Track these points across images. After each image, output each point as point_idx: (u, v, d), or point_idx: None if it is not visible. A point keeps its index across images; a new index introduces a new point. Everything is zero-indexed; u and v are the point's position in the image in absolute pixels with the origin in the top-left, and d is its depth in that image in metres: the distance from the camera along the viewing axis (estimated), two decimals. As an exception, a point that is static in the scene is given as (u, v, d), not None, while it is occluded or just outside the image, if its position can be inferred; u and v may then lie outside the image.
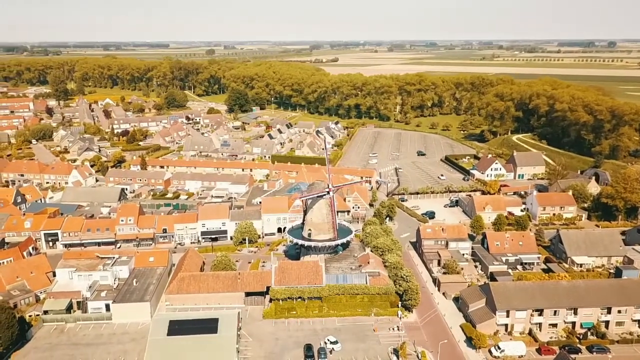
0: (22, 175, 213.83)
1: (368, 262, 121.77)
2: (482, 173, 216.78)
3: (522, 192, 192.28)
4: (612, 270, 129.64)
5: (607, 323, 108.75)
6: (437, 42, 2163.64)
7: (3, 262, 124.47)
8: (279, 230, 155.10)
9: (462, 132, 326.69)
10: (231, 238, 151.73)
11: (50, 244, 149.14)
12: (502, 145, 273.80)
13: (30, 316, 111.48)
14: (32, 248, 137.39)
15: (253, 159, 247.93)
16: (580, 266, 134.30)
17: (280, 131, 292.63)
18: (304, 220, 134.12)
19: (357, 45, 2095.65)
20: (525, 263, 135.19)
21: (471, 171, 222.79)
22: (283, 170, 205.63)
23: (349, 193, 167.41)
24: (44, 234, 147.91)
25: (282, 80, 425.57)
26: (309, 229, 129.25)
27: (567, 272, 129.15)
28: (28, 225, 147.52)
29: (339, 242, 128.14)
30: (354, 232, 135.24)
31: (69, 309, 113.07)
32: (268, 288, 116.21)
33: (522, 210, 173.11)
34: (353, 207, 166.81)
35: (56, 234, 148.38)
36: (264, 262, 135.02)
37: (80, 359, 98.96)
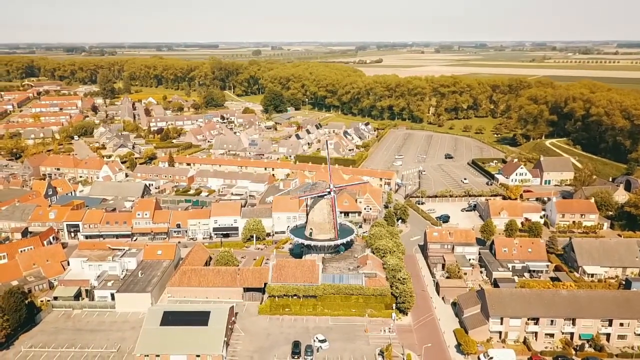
0: (58, 169, 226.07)
1: (366, 263, 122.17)
2: (506, 178, 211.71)
3: (545, 199, 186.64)
4: (623, 282, 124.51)
5: (608, 336, 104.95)
6: (487, 44, 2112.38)
7: (24, 250, 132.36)
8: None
9: (495, 135, 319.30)
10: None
11: (72, 234, 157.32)
12: (534, 150, 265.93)
13: (41, 301, 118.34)
14: (53, 237, 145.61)
15: (278, 159, 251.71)
16: (592, 276, 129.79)
17: (308, 132, 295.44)
18: (307, 219, 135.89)
19: (405, 46, 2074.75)
20: (533, 270, 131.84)
21: (496, 175, 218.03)
22: (301, 170, 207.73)
23: (361, 194, 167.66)
24: (67, 225, 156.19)
25: (317, 81, 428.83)
26: (311, 229, 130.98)
27: (576, 282, 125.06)
28: (52, 217, 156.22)
29: (339, 242, 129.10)
30: (355, 232, 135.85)
31: (77, 296, 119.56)
32: (266, 284, 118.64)
33: (541, 217, 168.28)
34: (365, 209, 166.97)
35: (77, 225, 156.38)
36: (267, 259, 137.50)
37: (80, 343, 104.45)
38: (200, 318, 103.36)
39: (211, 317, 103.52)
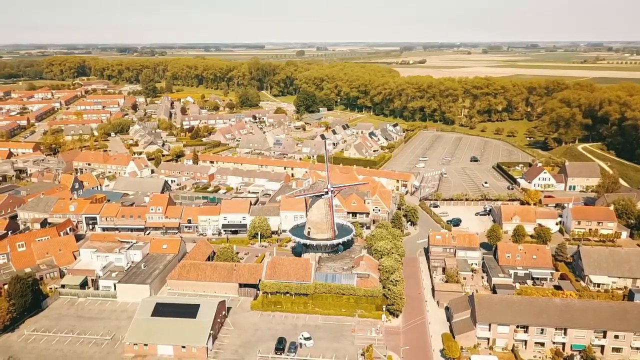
0: (89, 164, 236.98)
1: (359, 264, 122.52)
2: (529, 182, 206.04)
3: (566, 205, 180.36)
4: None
5: (602, 348, 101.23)
6: (538, 44, 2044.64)
7: (40, 240, 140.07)
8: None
9: (528, 139, 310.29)
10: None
11: (91, 226, 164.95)
12: (565, 154, 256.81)
13: (50, 289, 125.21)
14: (70, 229, 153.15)
15: (300, 159, 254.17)
16: (598, 286, 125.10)
17: (334, 132, 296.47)
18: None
19: (452, 47, 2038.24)
20: (536, 278, 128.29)
21: (518, 180, 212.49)
22: (317, 169, 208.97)
23: (370, 195, 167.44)
24: (85, 217, 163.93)
25: (350, 81, 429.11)
26: (309, 228, 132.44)
27: (579, 291, 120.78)
28: (72, 209, 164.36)
29: (336, 242, 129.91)
30: (354, 232, 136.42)
31: (83, 285, 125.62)
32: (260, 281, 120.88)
33: (557, 224, 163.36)
34: (373, 210, 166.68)
35: (95, 218, 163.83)
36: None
37: (79, 330, 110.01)
38: (189, 311, 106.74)
39: (200, 311, 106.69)
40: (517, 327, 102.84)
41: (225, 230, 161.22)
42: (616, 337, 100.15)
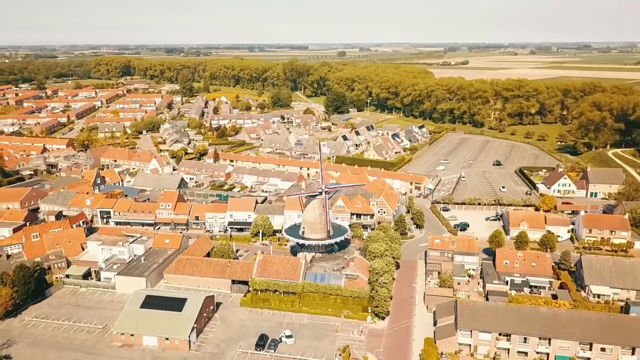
0: (115, 160, 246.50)
1: (349, 265, 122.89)
2: (548, 188, 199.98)
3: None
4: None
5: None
6: (591, 44, 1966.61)
7: (53, 231, 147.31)
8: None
9: (559, 143, 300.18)
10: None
11: (105, 220, 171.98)
12: (594, 160, 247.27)
13: (56, 278, 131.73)
14: (82, 222, 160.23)
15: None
16: (598, 297, 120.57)
17: (357, 133, 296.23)
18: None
19: (499, 47, 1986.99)
20: (533, 286, 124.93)
21: (538, 185, 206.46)
22: (328, 170, 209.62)
23: (376, 197, 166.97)
24: (100, 211, 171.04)
25: (380, 82, 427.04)
26: (304, 228, 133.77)
27: (575, 301, 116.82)
28: (88, 203, 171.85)
29: (327, 242, 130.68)
30: (348, 233, 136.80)
31: (86, 275, 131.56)
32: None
33: (568, 232, 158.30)
34: (378, 212, 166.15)
35: (109, 212, 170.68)
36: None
37: (75, 318, 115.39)
38: (176, 304, 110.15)
39: (186, 304, 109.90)
40: (500, 334, 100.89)
41: (231, 228, 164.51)
42: (603, 349, 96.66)
